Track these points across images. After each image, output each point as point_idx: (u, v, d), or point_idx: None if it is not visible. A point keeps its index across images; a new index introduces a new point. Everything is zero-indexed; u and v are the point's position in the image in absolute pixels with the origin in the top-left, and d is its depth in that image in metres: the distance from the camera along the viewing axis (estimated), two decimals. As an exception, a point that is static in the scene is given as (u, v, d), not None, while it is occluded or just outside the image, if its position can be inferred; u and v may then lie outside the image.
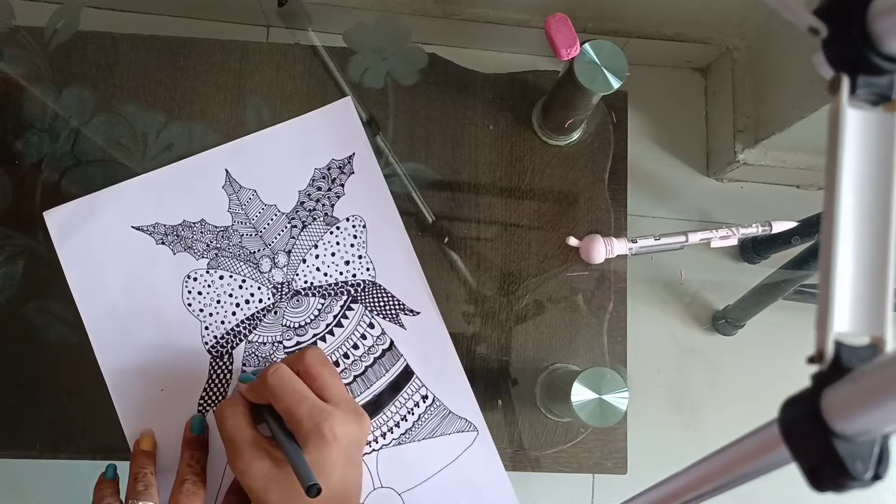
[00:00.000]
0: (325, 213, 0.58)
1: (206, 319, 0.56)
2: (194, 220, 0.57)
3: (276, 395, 0.46)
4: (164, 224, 0.57)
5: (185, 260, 0.57)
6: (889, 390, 0.22)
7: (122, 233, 0.56)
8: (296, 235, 0.58)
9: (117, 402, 0.54)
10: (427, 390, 0.56)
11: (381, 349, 0.57)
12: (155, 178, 0.58)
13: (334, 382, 0.48)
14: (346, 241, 0.58)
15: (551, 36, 0.51)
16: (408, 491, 0.54)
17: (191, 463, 0.50)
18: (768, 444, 0.26)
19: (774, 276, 1.08)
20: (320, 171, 0.59)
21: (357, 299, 0.57)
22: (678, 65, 1.32)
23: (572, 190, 0.61)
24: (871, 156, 0.26)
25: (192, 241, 0.57)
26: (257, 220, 0.58)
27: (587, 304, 0.59)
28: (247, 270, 0.57)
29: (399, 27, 0.63)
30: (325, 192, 0.58)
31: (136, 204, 0.57)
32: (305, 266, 0.57)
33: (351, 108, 0.60)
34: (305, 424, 0.44)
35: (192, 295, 0.56)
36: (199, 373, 0.55)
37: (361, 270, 0.57)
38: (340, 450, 0.44)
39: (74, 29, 0.60)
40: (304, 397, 0.45)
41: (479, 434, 0.56)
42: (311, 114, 0.60)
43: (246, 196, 0.58)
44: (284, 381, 0.46)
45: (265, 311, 0.56)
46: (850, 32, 0.25)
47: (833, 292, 0.25)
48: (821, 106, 1.01)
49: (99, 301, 0.55)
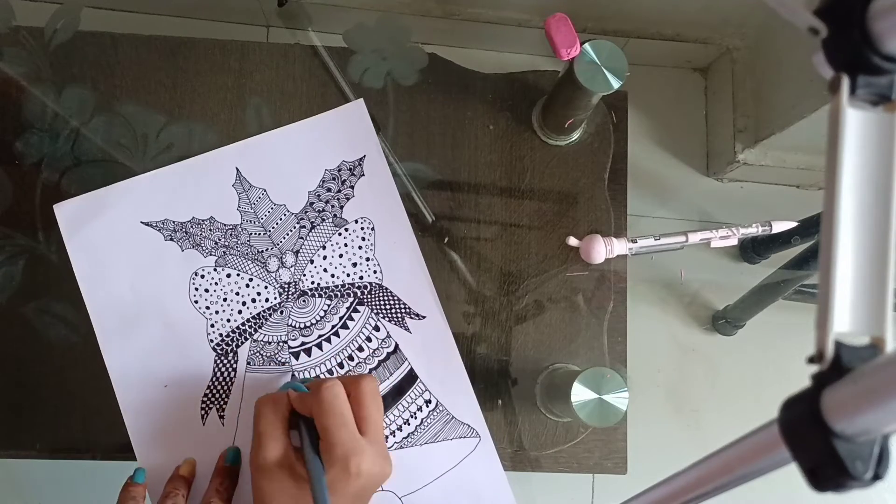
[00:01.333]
0: (335, 214, 0.58)
1: (212, 317, 0.56)
2: (203, 218, 0.57)
3: (322, 411, 0.45)
4: (173, 220, 0.57)
5: (193, 257, 0.57)
6: (889, 390, 0.22)
7: (131, 228, 0.57)
8: (304, 236, 0.58)
9: (120, 396, 0.54)
10: (430, 395, 0.56)
11: (385, 352, 0.57)
12: (165, 175, 0.58)
13: (377, 419, 0.47)
14: (354, 243, 0.58)
15: (551, 36, 0.51)
16: (408, 495, 0.54)
17: (219, 489, 0.50)
18: (768, 444, 0.26)
19: (774, 276, 1.08)
20: (331, 173, 0.59)
21: (363, 301, 0.57)
22: (678, 65, 1.32)
23: (572, 190, 0.61)
24: (871, 156, 0.26)
25: (201, 238, 0.57)
26: (266, 219, 0.58)
27: (587, 304, 0.59)
28: (254, 269, 0.57)
29: (399, 27, 0.63)
30: (335, 193, 0.58)
31: (145, 200, 0.57)
32: (313, 267, 0.57)
33: (363, 110, 0.60)
34: (338, 451, 0.44)
35: (199, 292, 0.56)
36: (203, 370, 0.55)
37: (368, 273, 0.57)
38: (358, 486, 0.44)
39: (74, 29, 0.60)
40: (346, 423, 0.45)
41: (481, 440, 0.56)
42: (322, 115, 0.60)
43: (256, 195, 0.58)
44: (335, 401, 0.45)
45: (271, 311, 0.56)
46: (850, 32, 0.25)
47: (833, 292, 0.25)
48: (821, 106, 1.01)
49: (106, 295, 0.55)
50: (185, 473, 0.52)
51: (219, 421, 0.54)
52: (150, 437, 0.54)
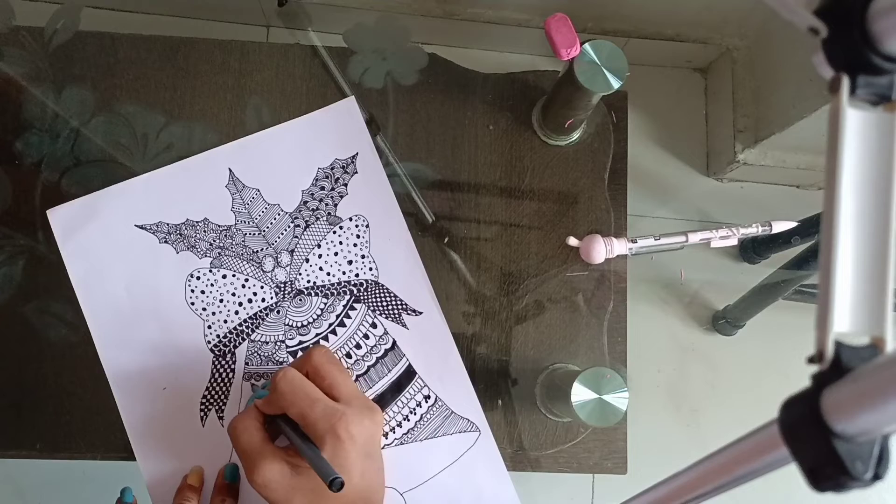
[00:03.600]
0: (329, 212, 0.58)
1: (209, 318, 0.56)
2: (197, 219, 0.57)
3: (287, 401, 0.45)
4: (167, 223, 0.57)
5: (188, 259, 0.57)
6: (889, 390, 0.22)
7: (125, 231, 0.57)
8: (299, 235, 0.58)
9: (119, 400, 0.54)
10: (429, 390, 0.56)
11: (383, 349, 0.57)
12: (158, 177, 0.58)
13: (343, 380, 0.48)
14: (349, 241, 0.58)
15: (551, 36, 0.51)
16: (410, 491, 0.54)
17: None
18: (768, 444, 0.26)
19: (774, 276, 1.08)
20: (324, 171, 0.59)
21: (360, 299, 0.57)
22: (678, 65, 1.32)
23: (572, 190, 0.61)
24: (871, 156, 0.26)
25: (196, 239, 0.57)
26: (260, 219, 0.58)
27: (587, 304, 0.59)
28: (250, 269, 0.57)
29: (399, 27, 0.63)
30: (329, 191, 0.58)
31: (139, 203, 0.57)
32: (308, 265, 0.57)
33: (354, 108, 0.60)
34: (320, 426, 0.44)
35: (195, 294, 0.56)
36: (201, 372, 0.55)
37: (364, 270, 0.57)
38: (358, 448, 0.44)
39: (74, 29, 0.60)
40: (315, 400, 0.45)
41: (481, 434, 0.56)
42: (314, 113, 0.60)
43: (249, 195, 0.58)
44: (294, 385, 0.45)
45: (268, 311, 0.56)
46: (850, 32, 0.25)
47: (833, 292, 0.25)
48: (821, 106, 1.01)
49: (102, 299, 0.55)
50: (194, 482, 0.52)
51: (218, 422, 0.54)
52: (151, 440, 0.54)
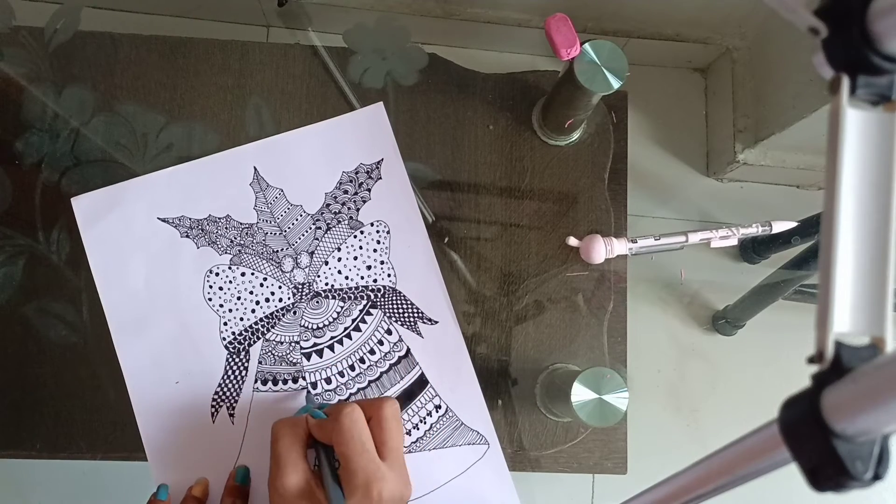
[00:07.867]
0: (350, 216, 0.58)
1: (226, 315, 0.56)
2: (220, 216, 0.57)
3: (341, 438, 0.45)
4: (189, 217, 0.57)
5: (208, 254, 0.57)
6: (889, 390, 0.22)
7: (147, 223, 0.57)
8: (319, 237, 0.58)
9: (132, 389, 0.54)
10: (441, 400, 0.56)
11: (397, 356, 0.56)
12: (183, 172, 0.58)
13: (397, 443, 0.47)
14: (369, 246, 0.58)
15: (551, 36, 0.51)
16: (415, 500, 0.54)
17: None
18: (768, 444, 0.26)
19: (774, 276, 1.08)
20: (348, 175, 0.59)
21: (376, 304, 0.57)
22: (678, 65, 1.32)
23: (572, 190, 0.61)
24: (871, 156, 0.26)
25: (217, 236, 0.57)
26: (282, 219, 0.58)
27: (587, 304, 0.59)
28: (269, 269, 0.57)
29: (399, 27, 0.63)
30: (352, 195, 0.58)
31: (163, 196, 0.57)
32: (327, 268, 0.57)
33: (382, 113, 0.60)
34: (359, 477, 0.43)
35: (213, 290, 0.56)
36: (214, 368, 0.55)
37: (383, 276, 0.57)
38: None
39: (74, 29, 0.60)
40: (366, 449, 0.45)
41: (489, 447, 0.56)
42: (342, 117, 0.60)
43: (273, 194, 0.58)
44: (354, 427, 0.45)
45: (284, 311, 0.56)
46: (850, 32, 0.25)
47: (833, 292, 0.25)
48: (821, 106, 1.01)
49: (120, 289, 0.56)
50: (199, 494, 0.52)
51: (228, 419, 0.54)
52: (161, 434, 0.54)
